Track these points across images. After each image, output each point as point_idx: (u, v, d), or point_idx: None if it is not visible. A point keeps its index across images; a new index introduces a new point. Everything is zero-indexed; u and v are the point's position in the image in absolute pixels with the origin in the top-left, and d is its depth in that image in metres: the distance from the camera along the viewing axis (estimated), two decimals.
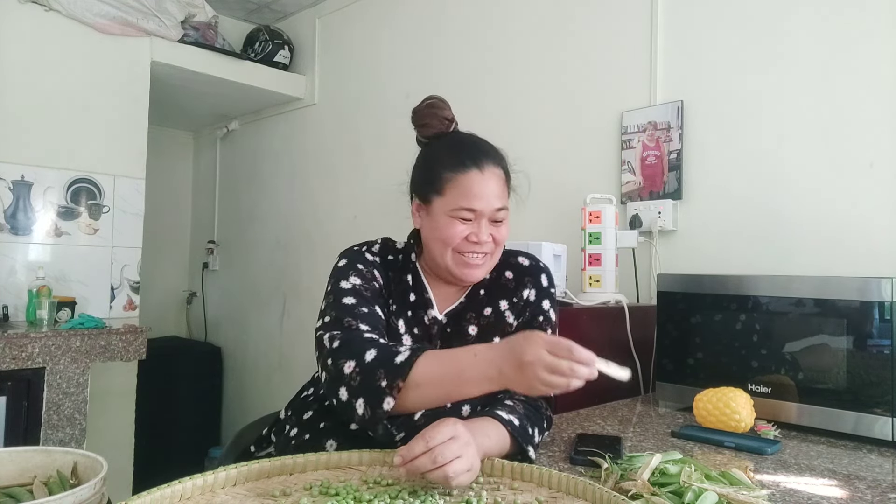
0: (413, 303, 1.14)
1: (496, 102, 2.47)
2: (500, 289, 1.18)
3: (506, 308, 1.17)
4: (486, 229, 1.09)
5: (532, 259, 1.23)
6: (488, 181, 1.09)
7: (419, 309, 1.14)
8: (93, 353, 2.20)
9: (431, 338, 1.13)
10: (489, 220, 1.10)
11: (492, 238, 1.10)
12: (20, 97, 2.51)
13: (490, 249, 1.11)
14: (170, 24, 2.86)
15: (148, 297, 3.15)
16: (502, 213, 1.11)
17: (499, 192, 1.10)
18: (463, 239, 1.09)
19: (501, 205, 1.10)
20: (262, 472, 0.86)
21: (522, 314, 1.17)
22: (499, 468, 0.89)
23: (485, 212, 1.09)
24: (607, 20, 2.14)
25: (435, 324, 1.14)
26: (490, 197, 1.09)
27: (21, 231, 2.53)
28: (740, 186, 1.80)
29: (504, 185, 1.13)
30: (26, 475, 0.88)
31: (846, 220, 1.61)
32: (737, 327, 1.39)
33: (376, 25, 3.06)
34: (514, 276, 1.19)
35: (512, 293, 1.18)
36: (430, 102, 1.17)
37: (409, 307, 1.14)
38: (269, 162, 3.66)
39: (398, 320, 1.12)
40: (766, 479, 0.96)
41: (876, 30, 1.58)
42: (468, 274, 1.12)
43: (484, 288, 1.18)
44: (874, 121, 1.58)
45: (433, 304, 1.15)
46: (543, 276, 1.21)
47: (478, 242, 1.09)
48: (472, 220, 1.09)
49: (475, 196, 1.07)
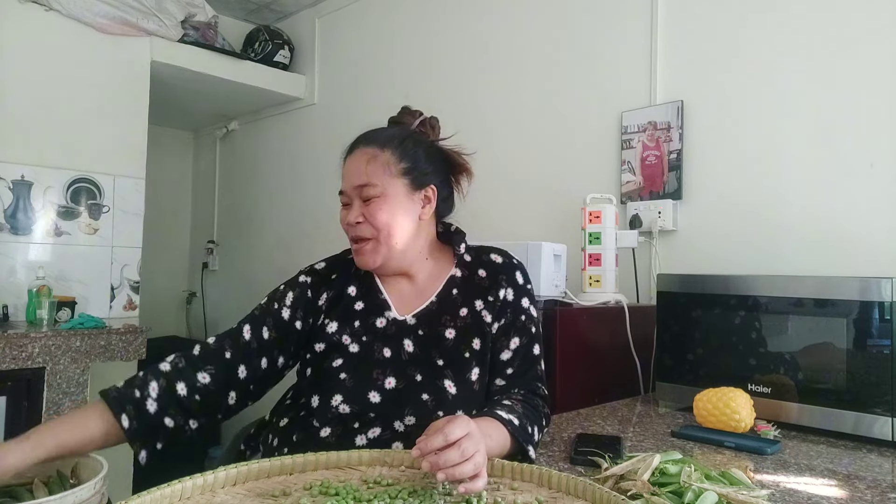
0: (360, 311, 1.13)
1: (495, 102, 2.47)
2: (474, 288, 1.16)
3: (482, 308, 1.14)
4: (356, 210, 1.10)
5: (505, 256, 1.20)
6: (353, 161, 1.12)
7: (370, 315, 1.12)
8: (93, 352, 2.20)
9: (389, 339, 1.10)
10: (361, 202, 1.10)
11: (364, 219, 1.09)
12: (20, 97, 2.51)
13: (369, 233, 1.09)
14: (170, 23, 2.86)
15: (148, 297, 3.15)
16: (369, 191, 1.09)
17: (361, 169, 1.09)
18: (346, 224, 1.12)
19: (362, 182, 1.09)
20: (262, 472, 0.86)
21: (503, 315, 1.14)
22: (499, 468, 0.89)
23: (348, 191, 1.11)
24: (607, 20, 2.14)
25: (394, 325, 1.11)
26: (351, 175, 1.11)
27: (21, 231, 2.53)
28: (740, 186, 1.80)
29: (373, 162, 1.09)
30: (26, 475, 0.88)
31: (846, 220, 1.61)
32: (736, 327, 1.39)
33: (376, 25, 3.06)
34: (488, 274, 1.17)
35: (486, 292, 1.15)
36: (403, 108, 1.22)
37: (354, 318, 1.12)
38: (269, 162, 3.66)
39: (341, 336, 1.10)
40: (765, 479, 0.96)
41: (876, 30, 1.58)
42: (359, 261, 1.13)
43: (457, 288, 1.16)
44: (874, 121, 1.58)
45: (390, 306, 1.13)
46: (518, 273, 1.18)
47: (349, 224, 1.10)
48: (349, 204, 1.12)
49: (343, 177, 1.12)
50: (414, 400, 1.05)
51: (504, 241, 1.33)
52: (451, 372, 1.07)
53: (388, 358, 1.08)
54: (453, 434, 0.78)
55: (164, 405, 1.00)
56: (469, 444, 0.78)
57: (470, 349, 1.10)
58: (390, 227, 1.09)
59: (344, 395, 1.05)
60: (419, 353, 1.09)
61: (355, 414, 1.04)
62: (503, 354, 1.12)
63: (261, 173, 3.72)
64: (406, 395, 1.05)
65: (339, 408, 1.04)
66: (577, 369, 1.51)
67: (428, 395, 1.05)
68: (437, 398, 1.05)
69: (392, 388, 1.06)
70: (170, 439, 1.01)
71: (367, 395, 1.05)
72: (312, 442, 1.04)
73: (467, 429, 0.80)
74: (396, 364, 1.08)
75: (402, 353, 1.09)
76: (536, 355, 1.15)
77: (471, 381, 1.08)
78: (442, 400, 1.05)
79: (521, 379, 1.11)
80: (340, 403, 1.04)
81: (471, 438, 0.79)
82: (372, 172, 1.09)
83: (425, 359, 1.08)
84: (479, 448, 0.80)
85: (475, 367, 1.09)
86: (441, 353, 1.09)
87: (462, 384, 1.07)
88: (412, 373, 1.07)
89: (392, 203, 1.09)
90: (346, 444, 1.02)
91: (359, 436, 1.03)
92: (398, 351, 1.09)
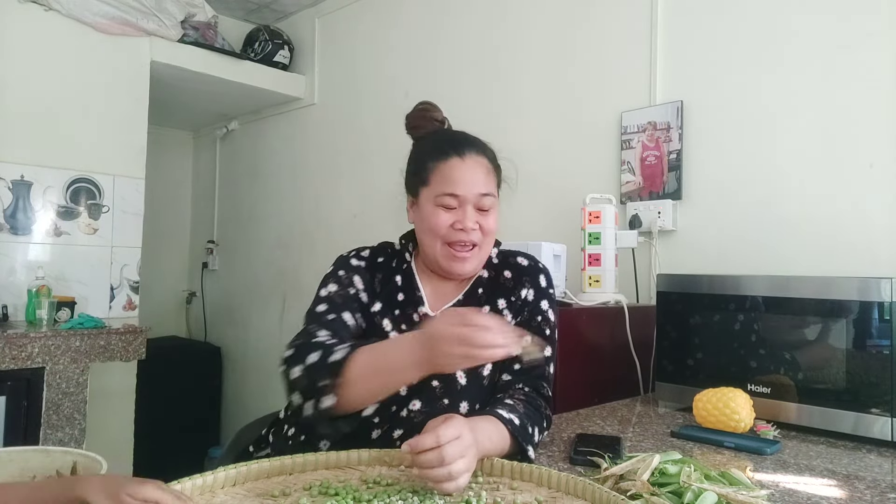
0: (401, 301, 1.15)
1: (496, 102, 2.47)
2: (499, 288, 1.18)
3: (504, 307, 1.17)
4: (472, 216, 1.10)
5: (531, 259, 1.23)
6: (470, 167, 1.11)
7: (408, 307, 1.14)
8: (92, 352, 2.20)
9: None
10: (475, 208, 1.11)
11: (479, 227, 1.11)
12: (20, 97, 2.51)
13: (478, 240, 1.12)
14: (169, 23, 2.86)
15: (147, 297, 3.15)
16: (487, 201, 1.11)
17: (482, 179, 1.11)
18: (449, 227, 1.10)
19: (485, 191, 1.11)
20: (262, 472, 0.86)
21: (521, 314, 1.17)
22: (498, 468, 0.89)
23: (467, 197, 1.10)
24: (607, 20, 2.14)
25: (424, 320, 1.13)
26: (471, 182, 1.10)
27: (21, 231, 2.53)
28: (740, 186, 1.80)
29: (489, 173, 1.13)
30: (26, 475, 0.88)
31: (846, 221, 1.61)
32: (736, 327, 1.39)
33: (376, 25, 3.06)
34: (513, 275, 1.20)
35: (510, 292, 1.18)
36: (422, 107, 1.21)
37: (395, 306, 1.14)
38: (269, 162, 3.66)
39: (383, 319, 1.12)
40: (765, 479, 0.96)
41: (876, 30, 1.58)
42: (457, 267, 1.13)
43: (482, 287, 1.18)
44: (874, 121, 1.58)
45: (424, 302, 1.15)
46: (542, 277, 1.21)
47: (463, 229, 1.10)
48: (457, 208, 1.10)
49: (456, 181, 1.10)
50: (422, 385, 1.05)
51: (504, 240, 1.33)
52: None
53: None
54: (445, 436, 0.79)
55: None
56: (452, 449, 0.79)
57: None
58: (493, 236, 1.15)
59: None
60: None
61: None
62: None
63: (261, 173, 3.72)
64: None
65: None
66: (577, 369, 1.51)
67: (438, 382, 1.07)
68: (446, 386, 1.07)
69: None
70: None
71: None
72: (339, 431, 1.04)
73: (459, 432, 0.81)
74: None
75: None
76: (547, 357, 1.16)
77: (482, 375, 1.11)
78: (450, 389, 1.08)
79: (527, 376, 1.12)
80: None
81: (459, 443, 0.80)
82: (491, 183, 1.13)
83: None
84: (464, 454, 0.80)
85: (488, 364, 1.10)
86: None
87: (473, 377, 1.10)
88: None
89: (496, 213, 1.14)
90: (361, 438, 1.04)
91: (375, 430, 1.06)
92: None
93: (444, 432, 0.79)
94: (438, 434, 0.79)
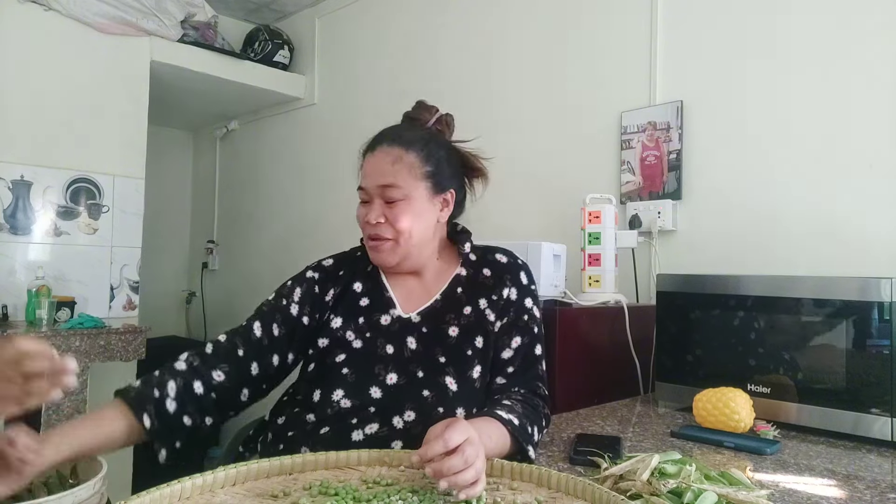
0: (365, 307, 1.13)
1: (496, 102, 2.47)
2: (479, 287, 1.16)
3: (486, 306, 1.14)
4: (376, 210, 1.10)
5: (510, 256, 1.21)
6: (377, 159, 1.11)
7: (374, 312, 1.13)
8: (92, 352, 2.20)
9: (393, 336, 1.10)
10: (383, 201, 1.10)
11: (386, 220, 1.10)
12: (19, 97, 2.51)
13: (390, 234, 1.10)
14: (169, 23, 2.86)
15: (147, 297, 3.15)
16: (392, 192, 1.09)
17: (386, 170, 1.09)
18: (364, 222, 1.12)
19: (385, 182, 1.09)
20: (262, 472, 0.86)
21: (505, 314, 1.14)
22: (498, 468, 0.89)
23: (370, 189, 1.11)
24: (607, 20, 2.14)
25: (398, 322, 1.12)
26: (372, 174, 1.11)
27: (20, 231, 2.53)
28: (740, 186, 1.80)
29: (399, 163, 1.09)
30: None
31: (846, 221, 1.61)
32: (736, 327, 1.39)
33: (376, 25, 3.06)
34: (493, 273, 1.18)
35: (491, 290, 1.16)
36: (410, 110, 1.23)
37: (358, 314, 1.13)
38: (269, 162, 3.66)
39: (345, 332, 1.11)
40: (765, 479, 0.96)
41: (876, 30, 1.58)
42: (376, 259, 1.13)
43: (461, 286, 1.16)
44: (874, 121, 1.58)
45: (395, 304, 1.14)
46: (522, 274, 1.19)
47: (368, 222, 1.10)
48: (369, 202, 1.12)
49: (364, 174, 1.12)
50: (414, 396, 1.05)
51: (504, 240, 1.33)
52: (452, 369, 1.07)
53: (390, 354, 1.09)
54: (453, 440, 0.78)
55: (182, 404, 1.01)
56: (471, 451, 0.78)
57: (472, 347, 1.10)
58: (411, 231, 1.10)
59: (345, 389, 1.05)
60: (422, 350, 1.09)
61: (355, 408, 1.04)
62: (504, 353, 1.12)
63: (261, 173, 3.72)
64: (407, 391, 1.05)
65: (340, 402, 1.04)
66: (576, 369, 1.51)
67: (429, 392, 1.05)
68: (437, 395, 1.06)
69: (393, 384, 1.06)
70: (188, 437, 1.03)
71: (368, 391, 1.05)
72: (308, 437, 1.04)
73: (466, 434, 0.80)
74: (398, 360, 1.08)
75: (404, 349, 1.09)
76: (538, 355, 1.15)
77: (472, 378, 1.09)
78: (443, 397, 1.06)
79: (521, 378, 1.11)
80: (342, 398, 1.05)
81: (472, 444, 0.79)
82: (397, 173, 1.09)
83: (428, 356, 1.09)
84: (479, 454, 0.80)
85: (477, 365, 1.09)
86: (444, 351, 1.09)
87: (463, 382, 1.07)
88: (414, 369, 1.07)
89: (414, 207, 1.10)
90: (342, 439, 1.02)
91: (355, 431, 1.03)
92: (401, 348, 1.09)
93: (450, 435, 0.78)
94: (446, 438, 0.78)
